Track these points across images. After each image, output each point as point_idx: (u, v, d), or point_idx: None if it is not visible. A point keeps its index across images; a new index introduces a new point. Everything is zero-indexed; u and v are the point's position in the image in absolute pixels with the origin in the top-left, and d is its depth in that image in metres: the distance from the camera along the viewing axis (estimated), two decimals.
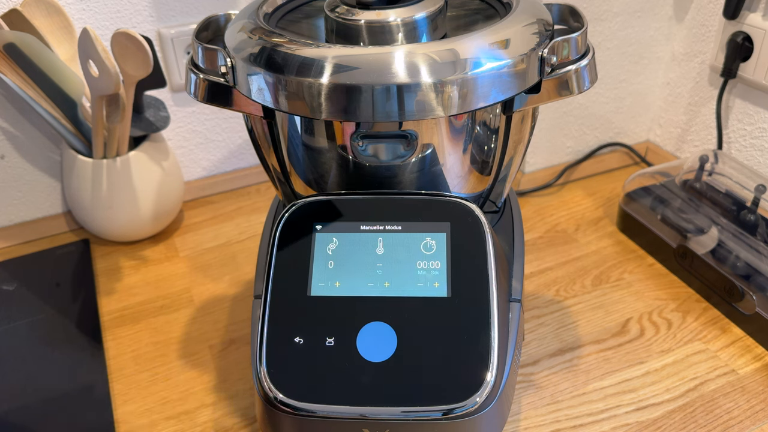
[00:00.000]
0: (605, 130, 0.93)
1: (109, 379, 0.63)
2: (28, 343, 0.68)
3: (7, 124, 0.79)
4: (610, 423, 0.57)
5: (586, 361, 0.63)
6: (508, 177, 0.54)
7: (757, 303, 0.64)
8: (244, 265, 0.79)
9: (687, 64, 0.88)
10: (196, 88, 0.49)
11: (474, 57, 0.42)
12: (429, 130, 0.46)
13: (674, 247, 0.73)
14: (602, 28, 0.83)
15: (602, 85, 0.88)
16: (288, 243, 0.48)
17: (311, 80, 0.42)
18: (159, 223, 0.82)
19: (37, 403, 0.61)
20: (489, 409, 0.44)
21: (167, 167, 0.80)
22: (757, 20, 0.76)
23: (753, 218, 0.70)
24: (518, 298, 0.50)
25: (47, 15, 0.72)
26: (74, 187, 0.77)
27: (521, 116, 0.50)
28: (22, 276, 0.77)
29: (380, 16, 0.46)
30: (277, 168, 0.53)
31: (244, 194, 0.93)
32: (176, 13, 0.80)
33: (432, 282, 0.46)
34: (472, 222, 0.47)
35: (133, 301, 0.73)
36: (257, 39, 0.45)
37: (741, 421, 0.57)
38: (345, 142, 0.47)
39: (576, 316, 0.69)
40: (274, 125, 0.49)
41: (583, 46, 0.47)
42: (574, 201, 0.88)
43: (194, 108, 0.87)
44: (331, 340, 0.45)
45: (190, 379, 0.63)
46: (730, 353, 0.64)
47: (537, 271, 0.76)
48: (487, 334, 0.44)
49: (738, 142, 0.84)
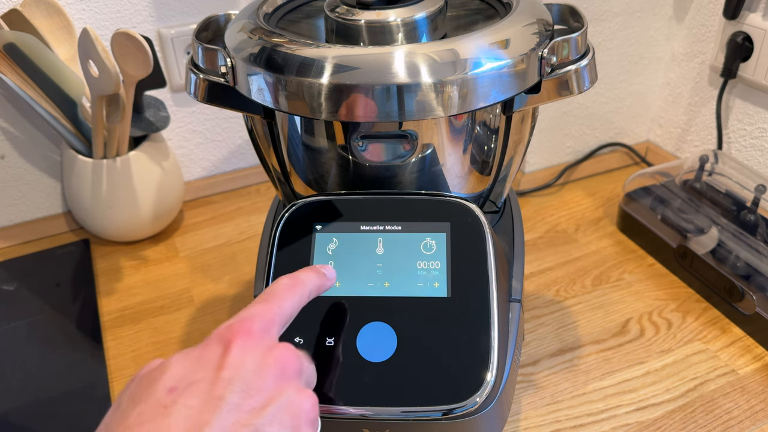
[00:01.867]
0: (605, 130, 0.93)
1: (109, 379, 0.63)
2: (28, 343, 0.68)
3: (7, 124, 0.79)
4: (610, 423, 0.57)
5: (586, 361, 0.63)
6: (508, 177, 0.54)
7: (757, 303, 0.64)
8: (244, 265, 0.79)
9: (687, 64, 0.88)
10: (196, 88, 0.49)
11: (474, 57, 0.42)
12: (429, 130, 0.46)
13: (674, 247, 0.73)
14: (602, 28, 0.83)
15: (602, 85, 0.88)
16: (288, 243, 0.48)
17: (311, 80, 0.42)
18: (159, 223, 0.82)
19: (37, 403, 0.61)
20: (489, 409, 0.44)
21: (167, 167, 0.80)
22: (757, 20, 0.76)
23: (753, 218, 0.70)
24: (518, 298, 0.50)
25: (47, 15, 0.72)
26: (74, 187, 0.77)
27: (521, 116, 0.50)
28: (22, 276, 0.77)
29: (380, 16, 0.46)
30: (277, 168, 0.53)
31: (244, 194, 0.93)
32: (176, 13, 0.80)
33: (432, 282, 0.46)
34: (472, 222, 0.47)
35: (133, 301, 0.73)
36: (257, 39, 0.45)
37: (741, 421, 0.57)
38: (345, 142, 0.47)
39: (576, 316, 0.69)
40: (274, 125, 0.49)
41: (583, 46, 0.47)
42: (574, 201, 0.88)
43: (194, 108, 0.87)
44: (331, 340, 0.45)
45: None
46: (730, 353, 0.64)
47: (537, 271, 0.76)
48: (487, 334, 0.44)
49: (738, 142, 0.84)
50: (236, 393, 0.32)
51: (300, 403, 0.33)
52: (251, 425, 0.31)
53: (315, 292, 0.40)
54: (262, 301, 0.37)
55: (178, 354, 0.34)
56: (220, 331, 0.35)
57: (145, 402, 0.31)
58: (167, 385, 0.32)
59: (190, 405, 0.31)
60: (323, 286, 0.41)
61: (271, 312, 0.36)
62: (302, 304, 0.39)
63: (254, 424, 0.31)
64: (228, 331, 0.34)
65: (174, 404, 0.31)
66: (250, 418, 0.31)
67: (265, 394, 0.32)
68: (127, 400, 0.32)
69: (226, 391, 0.31)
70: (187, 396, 0.31)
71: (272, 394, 0.33)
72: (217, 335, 0.35)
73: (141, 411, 0.31)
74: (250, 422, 0.31)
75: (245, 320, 0.35)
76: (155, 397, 0.31)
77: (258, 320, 0.35)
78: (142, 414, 0.31)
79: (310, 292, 0.40)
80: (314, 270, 0.41)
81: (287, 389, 0.33)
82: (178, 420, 0.30)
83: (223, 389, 0.31)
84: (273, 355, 0.34)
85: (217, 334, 0.35)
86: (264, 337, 0.35)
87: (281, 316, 0.37)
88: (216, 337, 0.35)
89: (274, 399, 0.32)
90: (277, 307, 0.37)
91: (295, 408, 0.33)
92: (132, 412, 0.31)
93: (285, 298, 0.37)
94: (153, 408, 0.31)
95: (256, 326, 0.35)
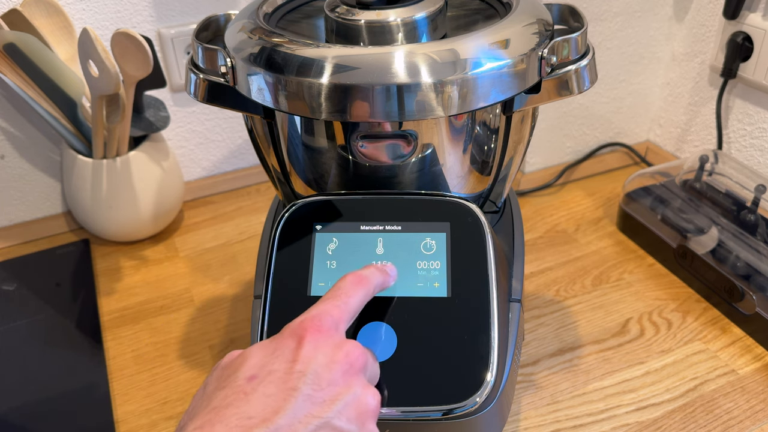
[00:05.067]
0: (605, 130, 0.93)
1: (109, 379, 0.63)
2: (28, 343, 0.68)
3: (7, 124, 0.79)
4: (610, 423, 0.57)
5: (586, 361, 0.63)
6: (508, 177, 0.54)
7: (757, 303, 0.64)
8: (244, 265, 0.79)
9: (687, 64, 0.88)
10: (196, 88, 0.49)
11: (474, 57, 0.42)
12: (429, 130, 0.46)
13: (674, 247, 0.73)
14: (602, 28, 0.83)
15: (602, 85, 0.88)
16: (288, 243, 0.48)
17: (311, 80, 0.42)
18: (159, 223, 0.82)
19: (37, 403, 0.61)
20: (489, 409, 0.44)
21: (167, 167, 0.80)
22: (757, 20, 0.76)
23: (753, 218, 0.70)
24: (518, 298, 0.50)
25: (47, 15, 0.72)
26: (74, 187, 0.77)
27: (521, 116, 0.50)
28: (22, 276, 0.77)
29: (380, 16, 0.46)
30: (277, 168, 0.53)
31: (244, 194, 0.93)
32: (176, 13, 0.80)
33: (432, 282, 0.46)
34: (472, 222, 0.47)
35: (133, 301, 0.73)
36: (257, 39, 0.45)
37: (741, 421, 0.57)
38: (345, 142, 0.47)
39: (576, 316, 0.69)
40: (274, 125, 0.49)
41: (583, 46, 0.47)
42: (574, 201, 0.88)
43: (194, 108, 0.87)
44: None
45: (190, 379, 0.63)
46: (730, 353, 0.64)
47: (537, 271, 0.76)
48: (487, 334, 0.44)
49: (738, 142, 0.84)
50: (308, 385, 0.34)
51: (366, 399, 0.36)
52: (321, 417, 0.34)
53: (378, 288, 0.43)
54: (331, 299, 0.39)
55: (256, 345, 0.37)
56: (293, 326, 0.38)
57: (228, 387, 0.35)
58: (247, 373, 0.35)
59: (268, 393, 0.34)
60: (386, 283, 0.43)
61: (339, 309, 0.39)
62: (366, 301, 0.41)
63: (324, 417, 0.34)
64: (300, 327, 0.37)
65: (254, 392, 0.34)
66: (320, 410, 0.34)
67: (335, 389, 0.35)
68: (212, 386, 0.36)
69: (300, 383, 0.34)
70: (266, 385, 0.34)
71: (341, 388, 0.35)
72: (290, 330, 0.37)
73: (225, 395, 0.34)
74: (320, 414, 0.34)
75: (315, 317, 0.38)
76: (237, 384, 0.35)
77: (327, 317, 0.38)
78: (226, 397, 0.34)
79: (375, 288, 0.42)
80: (377, 267, 0.43)
81: (354, 385, 0.36)
82: (257, 406, 0.33)
83: (297, 381, 0.34)
84: (342, 351, 0.36)
85: (291, 330, 0.37)
86: (333, 333, 0.37)
87: (348, 313, 0.39)
88: (289, 332, 0.37)
89: (342, 394, 0.35)
90: (344, 304, 0.39)
91: (361, 404, 0.36)
92: (216, 396, 0.35)
93: (351, 295, 0.40)
94: (235, 393, 0.34)
95: (325, 323, 0.37)
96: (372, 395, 0.36)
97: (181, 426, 0.35)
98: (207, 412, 0.34)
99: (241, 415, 0.33)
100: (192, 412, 0.35)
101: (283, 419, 0.33)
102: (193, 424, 0.34)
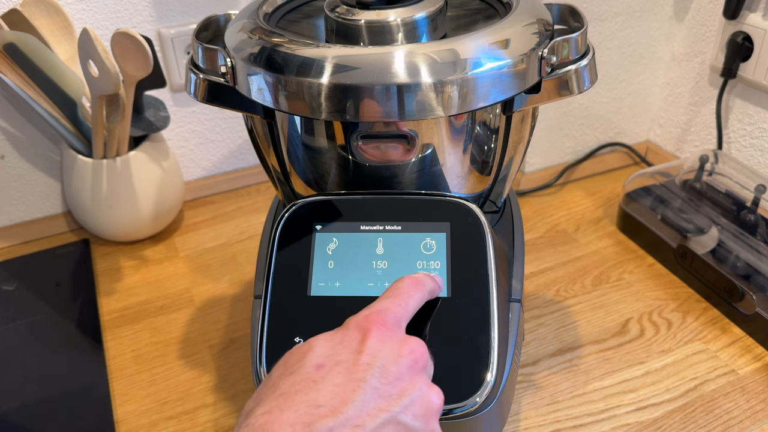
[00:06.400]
0: (605, 130, 0.93)
1: (109, 379, 0.63)
2: (28, 343, 0.68)
3: (7, 124, 0.79)
4: (610, 423, 0.57)
5: (586, 361, 0.63)
6: (508, 177, 0.54)
7: (757, 303, 0.64)
8: (244, 265, 0.79)
9: (687, 64, 0.88)
10: (196, 88, 0.49)
11: (474, 57, 0.42)
12: (429, 130, 0.46)
13: (674, 247, 0.73)
14: (602, 28, 0.83)
15: (602, 85, 0.88)
16: (288, 243, 0.48)
17: (311, 80, 0.42)
18: (159, 223, 0.82)
19: (37, 403, 0.61)
20: (489, 409, 0.44)
21: (167, 167, 0.80)
22: (757, 20, 0.76)
23: (753, 218, 0.70)
24: (518, 298, 0.50)
25: (47, 15, 0.72)
26: (74, 187, 0.77)
27: (521, 116, 0.50)
28: (22, 276, 0.77)
29: (380, 16, 0.46)
30: (277, 168, 0.53)
31: (244, 194, 0.93)
32: (176, 13, 0.80)
33: None
34: (472, 222, 0.47)
35: (133, 301, 0.73)
36: (257, 39, 0.45)
37: (741, 421, 0.57)
38: (345, 142, 0.47)
39: (576, 316, 0.69)
40: (274, 125, 0.49)
41: (583, 46, 0.47)
42: (574, 201, 0.88)
43: (194, 108, 0.87)
44: None
45: (190, 379, 0.63)
46: (730, 353, 0.64)
47: (537, 271, 0.76)
48: (487, 334, 0.44)
49: (738, 142, 0.84)
50: (375, 377, 0.35)
51: (431, 396, 0.36)
52: (389, 411, 0.34)
53: (430, 294, 0.43)
54: (392, 297, 0.40)
55: (321, 336, 0.37)
56: (357, 320, 0.38)
57: (297, 373, 0.35)
58: (315, 362, 0.35)
59: (337, 382, 0.34)
60: (435, 290, 0.44)
61: (400, 307, 0.39)
62: (421, 304, 0.42)
63: (392, 411, 0.34)
64: (365, 320, 0.37)
65: (322, 380, 0.34)
66: (388, 404, 0.34)
67: (401, 383, 0.35)
68: (279, 373, 0.36)
69: (367, 374, 0.35)
70: (334, 374, 0.34)
71: (407, 384, 0.35)
72: (355, 323, 0.37)
73: (294, 381, 0.34)
74: (388, 408, 0.34)
75: (380, 312, 0.38)
76: (305, 371, 0.35)
77: (390, 314, 0.38)
78: (295, 384, 0.34)
79: (428, 294, 0.43)
80: (428, 275, 0.44)
81: (420, 382, 0.36)
82: (326, 394, 0.33)
83: (364, 372, 0.35)
84: (407, 347, 0.37)
85: (355, 323, 0.37)
86: (396, 329, 0.38)
87: (408, 312, 0.40)
88: (354, 325, 0.37)
89: (408, 389, 0.35)
90: (405, 303, 0.40)
91: (426, 402, 0.36)
92: (284, 382, 0.35)
93: (411, 296, 0.41)
94: (304, 380, 0.34)
95: (389, 319, 0.38)
96: (436, 393, 0.37)
97: (247, 411, 0.34)
98: (275, 398, 0.34)
99: (310, 403, 0.33)
100: (258, 397, 0.35)
101: (352, 410, 0.33)
102: (261, 408, 0.33)
